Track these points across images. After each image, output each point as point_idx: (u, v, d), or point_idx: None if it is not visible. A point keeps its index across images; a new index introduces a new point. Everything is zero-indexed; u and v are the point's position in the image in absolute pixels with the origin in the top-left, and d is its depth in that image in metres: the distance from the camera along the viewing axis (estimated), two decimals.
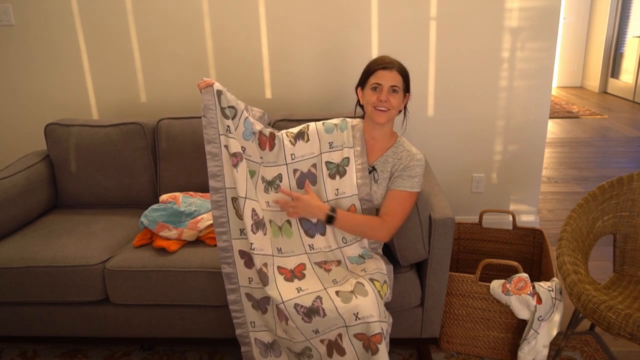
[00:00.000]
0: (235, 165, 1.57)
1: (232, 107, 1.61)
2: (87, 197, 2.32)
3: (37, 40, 2.62)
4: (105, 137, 2.27)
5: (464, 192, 2.84)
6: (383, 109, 1.60)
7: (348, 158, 1.67)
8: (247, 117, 1.66)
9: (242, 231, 1.60)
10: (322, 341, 1.51)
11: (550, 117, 5.79)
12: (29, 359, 2.01)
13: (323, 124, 1.74)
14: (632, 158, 4.30)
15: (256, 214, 1.61)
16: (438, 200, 1.78)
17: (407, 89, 1.67)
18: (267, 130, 1.70)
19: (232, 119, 1.61)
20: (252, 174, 1.66)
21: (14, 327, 1.94)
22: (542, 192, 3.57)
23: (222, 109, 1.58)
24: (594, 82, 7.42)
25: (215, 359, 1.97)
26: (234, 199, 1.59)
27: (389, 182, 1.65)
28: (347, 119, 1.75)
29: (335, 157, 1.69)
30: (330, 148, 1.70)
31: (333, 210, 1.60)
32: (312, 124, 1.75)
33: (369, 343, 1.46)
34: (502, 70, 2.59)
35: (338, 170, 1.68)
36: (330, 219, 1.60)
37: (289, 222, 1.69)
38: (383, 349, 1.46)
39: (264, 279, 1.55)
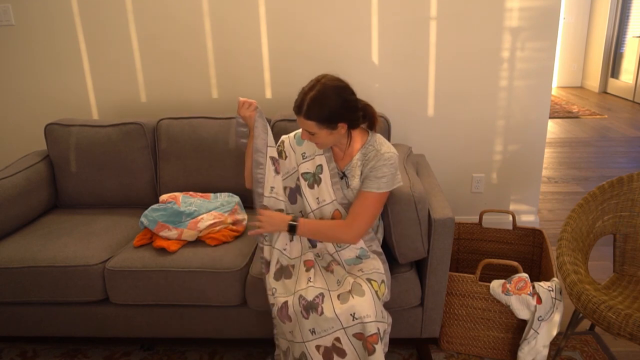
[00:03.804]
0: (277, 172, 1.69)
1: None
2: (87, 197, 2.32)
3: (37, 40, 2.62)
4: (105, 137, 2.27)
5: (464, 192, 2.84)
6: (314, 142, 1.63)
7: (321, 165, 1.68)
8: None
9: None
10: (317, 348, 1.51)
11: (550, 117, 5.79)
12: (29, 359, 2.01)
13: (295, 135, 1.75)
14: (632, 158, 4.30)
15: None
16: (438, 200, 1.78)
17: (329, 123, 1.52)
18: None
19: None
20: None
21: (14, 327, 1.94)
22: (542, 192, 3.57)
23: (264, 125, 1.67)
24: (594, 82, 7.42)
25: (215, 359, 1.97)
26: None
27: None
28: None
29: (310, 167, 1.70)
30: (303, 159, 1.72)
31: (294, 219, 1.62)
32: (285, 139, 1.76)
33: (365, 343, 1.47)
34: (502, 70, 2.59)
35: (315, 179, 1.69)
36: (292, 228, 1.62)
37: None
38: (379, 349, 1.46)
39: (287, 274, 1.64)
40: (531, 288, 1.74)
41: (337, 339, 1.49)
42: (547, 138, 4.93)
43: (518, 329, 1.83)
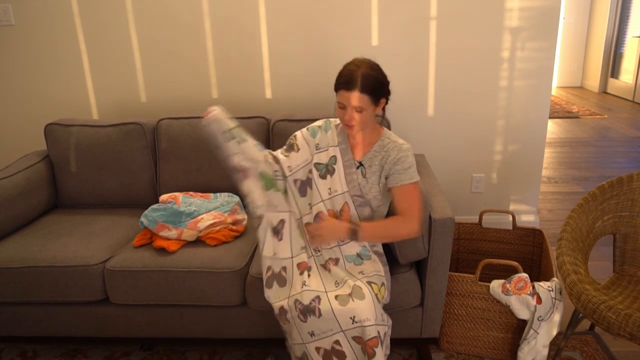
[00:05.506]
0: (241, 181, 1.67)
1: (233, 128, 1.66)
2: (87, 197, 2.32)
3: (37, 40, 2.62)
4: (105, 137, 2.27)
5: (464, 192, 2.84)
6: (350, 125, 1.60)
7: (335, 156, 1.69)
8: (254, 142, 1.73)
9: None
10: (317, 349, 1.51)
11: (550, 117, 5.79)
12: (29, 359, 2.01)
13: (307, 129, 1.77)
14: (632, 158, 4.30)
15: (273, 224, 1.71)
16: (438, 200, 1.78)
17: (378, 97, 1.57)
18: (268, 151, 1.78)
19: (239, 141, 1.67)
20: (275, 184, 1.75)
21: (14, 327, 1.94)
22: (542, 192, 3.57)
23: (223, 133, 1.64)
24: (593, 82, 7.42)
25: (215, 359, 1.97)
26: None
27: (382, 179, 1.65)
28: (330, 119, 1.77)
29: (323, 158, 1.71)
30: (317, 150, 1.72)
31: (355, 225, 1.61)
32: (298, 133, 1.77)
33: (365, 347, 1.47)
34: (502, 70, 2.59)
35: (327, 169, 1.70)
36: (354, 233, 1.61)
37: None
38: (380, 352, 1.46)
39: (280, 282, 1.63)
40: (531, 288, 1.74)
41: (337, 342, 1.49)
42: (547, 138, 4.93)
43: (518, 329, 1.83)
